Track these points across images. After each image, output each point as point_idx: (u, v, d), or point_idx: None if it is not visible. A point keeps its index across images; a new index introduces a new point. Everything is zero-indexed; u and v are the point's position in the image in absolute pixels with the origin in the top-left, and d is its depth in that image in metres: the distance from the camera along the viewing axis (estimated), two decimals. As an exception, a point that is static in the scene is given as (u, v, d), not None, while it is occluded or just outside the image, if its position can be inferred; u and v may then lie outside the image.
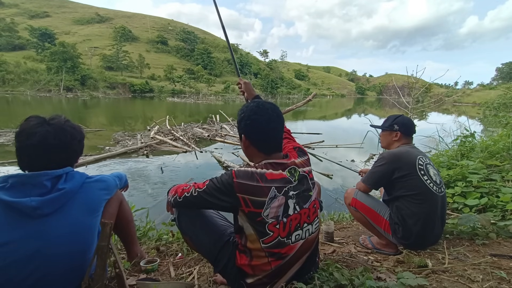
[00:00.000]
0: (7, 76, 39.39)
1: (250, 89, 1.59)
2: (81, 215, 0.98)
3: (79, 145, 1.09)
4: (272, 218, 0.99)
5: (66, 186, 0.95)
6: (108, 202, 1.15)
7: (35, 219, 0.89)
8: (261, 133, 1.07)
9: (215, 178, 1.04)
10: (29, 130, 0.96)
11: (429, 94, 33.22)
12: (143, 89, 51.95)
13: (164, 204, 1.31)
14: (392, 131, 1.81)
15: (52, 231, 0.91)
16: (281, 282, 1.06)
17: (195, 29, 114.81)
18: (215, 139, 8.60)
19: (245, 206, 0.98)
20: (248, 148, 1.12)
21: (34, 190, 0.91)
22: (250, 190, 0.98)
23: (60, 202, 0.93)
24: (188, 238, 1.23)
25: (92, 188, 1.05)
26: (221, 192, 1.01)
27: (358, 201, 1.74)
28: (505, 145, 3.05)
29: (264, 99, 1.25)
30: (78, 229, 0.96)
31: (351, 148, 8.11)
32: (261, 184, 0.98)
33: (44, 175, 0.93)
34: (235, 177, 0.99)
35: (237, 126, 1.16)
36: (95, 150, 6.73)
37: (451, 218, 2.04)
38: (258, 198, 0.98)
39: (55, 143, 0.97)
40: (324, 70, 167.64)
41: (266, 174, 1.00)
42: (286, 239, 1.02)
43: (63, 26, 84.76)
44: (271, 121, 1.07)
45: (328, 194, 4.38)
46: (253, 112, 1.06)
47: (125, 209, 1.31)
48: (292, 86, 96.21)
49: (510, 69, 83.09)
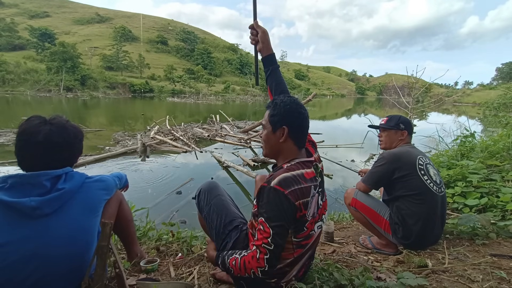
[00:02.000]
0: (7, 76, 39.31)
1: (268, 41, 1.27)
2: (80, 215, 0.97)
3: (80, 144, 1.09)
4: (311, 216, 1.03)
5: (66, 186, 0.95)
6: (108, 202, 1.15)
7: (35, 219, 0.89)
8: (303, 128, 1.08)
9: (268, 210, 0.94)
10: (33, 129, 0.96)
11: (429, 94, 33.25)
12: (143, 89, 51.85)
13: (164, 204, 1.33)
14: (398, 130, 1.82)
15: (51, 231, 0.90)
16: (295, 268, 1.10)
17: (195, 29, 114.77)
18: (215, 139, 8.59)
19: (299, 211, 0.97)
20: (285, 142, 1.06)
21: (34, 190, 0.91)
22: (300, 193, 0.97)
23: (60, 202, 0.93)
24: (203, 217, 1.32)
25: (92, 188, 1.04)
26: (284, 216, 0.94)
27: (358, 201, 1.75)
28: (505, 145, 3.05)
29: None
30: (78, 229, 0.96)
31: (351, 148, 8.11)
32: (305, 185, 0.99)
33: (43, 175, 0.93)
34: (284, 189, 0.94)
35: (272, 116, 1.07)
36: (95, 150, 6.72)
37: (451, 218, 2.04)
38: (305, 199, 0.99)
39: (59, 141, 0.98)
40: (324, 70, 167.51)
41: (304, 174, 1.01)
42: (312, 231, 1.07)
43: (63, 26, 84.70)
44: (308, 118, 1.10)
45: (328, 194, 4.35)
46: (299, 106, 1.07)
47: (124, 209, 1.31)
48: (292, 86, 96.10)
49: (510, 69, 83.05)
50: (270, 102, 1.12)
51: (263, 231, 0.94)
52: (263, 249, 0.94)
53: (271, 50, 1.28)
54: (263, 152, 1.16)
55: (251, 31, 1.28)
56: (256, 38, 1.27)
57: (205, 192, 1.34)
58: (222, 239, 1.21)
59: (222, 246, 1.20)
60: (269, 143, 1.10)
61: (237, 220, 1.25)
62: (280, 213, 0.94)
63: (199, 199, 1.35)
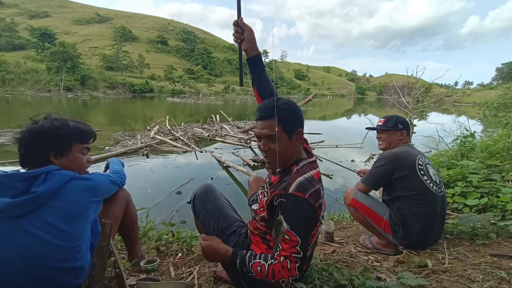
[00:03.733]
0: (7, 76, 39.34)
1: (255, 40, 1.19)
2: (57, 220, 0.92)
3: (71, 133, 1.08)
4: (322, 217, 1.04)
5: (38, 190, 0.90)
6: (114, 203, 1.14)
7: (5, 220, 0.88)
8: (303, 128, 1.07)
9: (295, 219, 0.91)
10: (33, 122, 1.01)
11: (429, 94, 33.17)
12: (143, 89, 51.92)
13: (164, 204, 1.33)
14: (397, 131, 1.82)
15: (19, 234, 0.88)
16: None
17: (195, 29, 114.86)
18: (215, 139, 8.59)
19: (319, 211, 0.98)
20: (298, 143, 1.05)
21: (8, 191, 0.90)
22: (316, 195, 0.96)
23: (32, 205, 0.90)
24: (199, 221, 1.29)
25: (73, 191, 0.97)
26: (308, 222, 0.95)
27: (358, 202, 1.74)
28: (505, 145, 3.05)
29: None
30: (53, 233, 0.91)
31: (351, 148, 8.10)
32: (317, 186, 0.99)
33: (14, 176, 0.92)
34: (303, 194, 0.93)
35: (287, 124, 0.99)
36: (95, 150, 6.72)
37: (451, 218, 2.04)
38: (320, 200, 0.98)
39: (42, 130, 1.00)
40: (324, 70, 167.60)
41: (313, 175, 1.00)
42: (317, 231, 1.07)
43: (63, 26, 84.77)
44: None
45: (328, 194, 4.37)
46: (294, 103, 1.05)
47: (131, 210, 1.32)
48: (292, 86, 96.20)
49: (510, 69, 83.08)
50: (268, 109, 0.99)
51: (290, 241, 0.91)
52: (293, 258, 0.92)
53: (257, 50, 1.21)
54: (275, 165, 1.02)
55: (236, 28, 1.17)
56: (241, 37, 1.17)
57: (201, 196, 1.31)
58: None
59: None
60: (287, 153, 1.02)
61: (234, 224, 1.23)
62: (304, 219, 0.93)
63: (194, 203, 1.32)
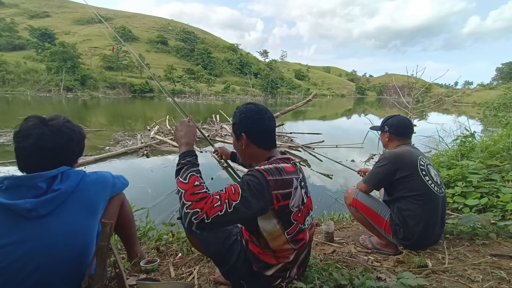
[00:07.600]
0: (7, 76, 39.34)
1: (227, 150, 1.70)
2: (78, 215, 0.97)
3: (78, 146, 1.07)
4: (296, 208, 1.05)
5: (62, 187, 0.94)
6: (109, 202, 1.15)
7: (31, 221, 0.89)
8: (264, 131, 1.14)
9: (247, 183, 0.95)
10: (26, 132, 0.95)
11: (429, 94, 33.22)
12: (143, 89, 51.88)
13: (164, 205, 1.31)
14: (383, 133, 1.82)
15: (49, 232, 0.90)
16: (294, 268, 1.13)
17: (195, 29, 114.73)
18: (215, 139, 8.59)
19: (276, 201, 0.99)
20: (248, 147, 1.14)
21: (30, 191, 0.91)
22: (281, 184, 1.00)
23: (56, 203, 0.93)
24: (194, 238, 1.22)
25: (89, 187, 1.02)
26: (258, 198, 0.94)
27: (359, 202, 1.74)
28: (505, 145, 3.05)
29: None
30: (76, 229, 0.96)
31: (352, 148, 8.10)
32: (286, 177, 1.02)
33: (38, 176, 0.92)
34: (268, 175, 0.97)
35: (233, 126, 1.18)
36: (95, 150, 6.72)
37: (451, 218, 2.04)
38: (286, 190, 1.01)
39: (49, 146, 0.96)
40: (324, 70, 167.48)
41: (284, 167, 1.05)
42: (302, 225, 1.10)
43: (63, 26, 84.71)
44: (271, 120, 1.15)
45: (328, 194, 4.38)
46: (254, 112, 1.13)
47: (126, 209, 1.32)
48: (292, 86, 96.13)
49: (510, 69, 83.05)
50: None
51: (233, 193, 0.93)
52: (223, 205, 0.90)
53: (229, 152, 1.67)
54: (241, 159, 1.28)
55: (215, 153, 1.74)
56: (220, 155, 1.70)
57: None
58: (223, 254, 1.16)
59: (224, 261, 1.16)
60: (238, 150, 1.22)
61: (233, 232, 1.22)
62: (254, 194, 0.93)
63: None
